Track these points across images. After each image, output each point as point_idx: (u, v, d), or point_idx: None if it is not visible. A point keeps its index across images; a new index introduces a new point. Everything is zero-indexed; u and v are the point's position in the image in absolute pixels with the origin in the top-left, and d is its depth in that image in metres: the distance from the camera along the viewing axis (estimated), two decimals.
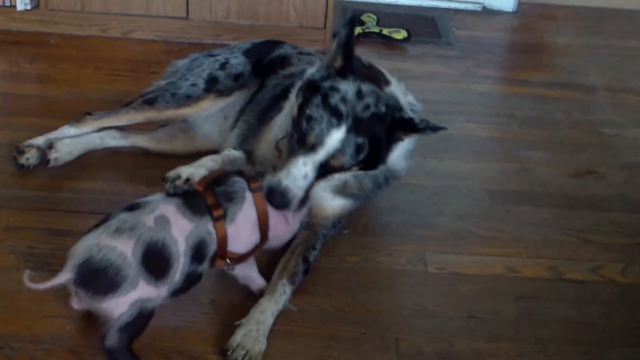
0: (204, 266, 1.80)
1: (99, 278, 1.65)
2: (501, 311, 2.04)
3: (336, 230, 2.18)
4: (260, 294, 1.95)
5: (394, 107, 1.88)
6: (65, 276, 1.66)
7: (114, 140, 2.48)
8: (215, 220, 1.78)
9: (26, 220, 2.20)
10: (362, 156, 1.87)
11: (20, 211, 2.24)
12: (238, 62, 2.47)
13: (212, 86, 2.41)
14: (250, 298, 1.96)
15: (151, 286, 1.69)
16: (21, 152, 2.35)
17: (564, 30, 3.86)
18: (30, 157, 2.35)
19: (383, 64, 3.35)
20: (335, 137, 1.82)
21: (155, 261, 1.69)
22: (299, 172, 1.84)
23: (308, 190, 1.88)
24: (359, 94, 1.83)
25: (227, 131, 2.44)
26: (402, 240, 2.25)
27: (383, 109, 1.85)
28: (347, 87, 1.83)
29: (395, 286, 2.11)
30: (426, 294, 2.08)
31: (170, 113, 2.41)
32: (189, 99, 2.39)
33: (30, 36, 3.21)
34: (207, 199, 1.80)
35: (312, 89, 1.88)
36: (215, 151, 2.48)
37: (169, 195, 1.82)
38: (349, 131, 1.82)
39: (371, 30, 3.53)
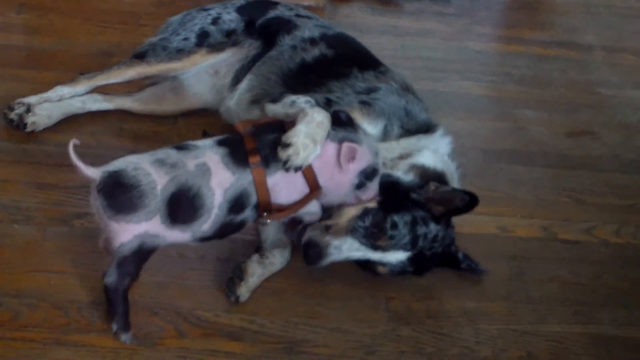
0: (246, 215, 1.75)
1: (122, 192, 1.63)
2: (493, 271, 2.02)
3: None
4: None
5: (449, 244, 1.95)
6: (93, 173, 1.64)
7: (96, 103, 2.41)
8: (251, 166, 1.73)
9: (11, 173, 2.16)
10: (401, 272, 1.91)
11: (5, 164, 2.19)
12: (230, 18, 2.40)
13: (204, 40, 2.36)
14: (239, 254, 1.94)
15: (164, 226, 1.66)
16: (11, 109, 2.30)
17: None
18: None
19: (377, 21, 3.38)
20: (397, 257, 1.86)
21: (181, 205, 1.66)
22: (349, 253, 1.85)
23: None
24: (435, 238, 1.88)
25: (226, 87, 2.39)
26: None
27: (441, 249, 1.91)
28: (433, 229, 1.87)
29: None
30: None
31: (162, 67, 2.36)
32: (181, 52, 2.34)
33: None
34: (247, 144, 1.75)
35: (404, 200, 1.88)
36: (208, 109, 2.45)
37: (219, 143, 1.75)
38: (408, 259, 1.87)
39: None
